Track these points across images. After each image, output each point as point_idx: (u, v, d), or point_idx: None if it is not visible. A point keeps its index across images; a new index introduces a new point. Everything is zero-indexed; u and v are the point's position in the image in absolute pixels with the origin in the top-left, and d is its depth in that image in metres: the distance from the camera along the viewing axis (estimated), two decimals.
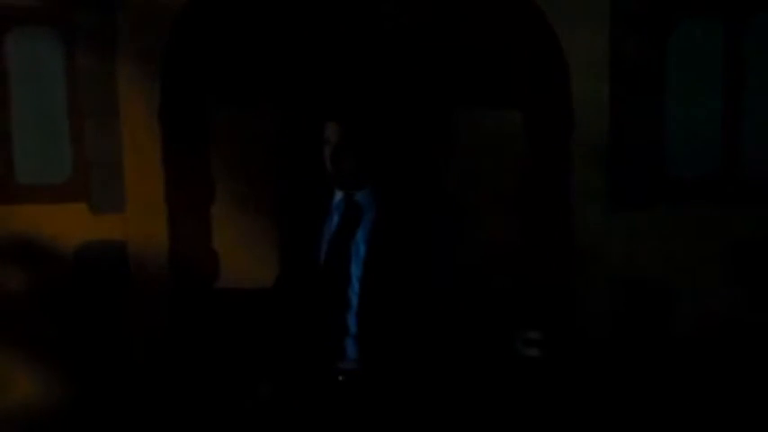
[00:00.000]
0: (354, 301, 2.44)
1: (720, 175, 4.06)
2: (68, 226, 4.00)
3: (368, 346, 2.43)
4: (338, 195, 2.51)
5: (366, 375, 2.43)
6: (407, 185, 2.55)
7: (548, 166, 4.16)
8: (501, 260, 4.17)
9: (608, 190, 4.01)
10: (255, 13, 4.11)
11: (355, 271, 2.44)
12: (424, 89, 4.14)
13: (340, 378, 2.43)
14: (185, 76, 4.08)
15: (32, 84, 3.99)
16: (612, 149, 3.99)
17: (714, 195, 4.04)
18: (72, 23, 3.92)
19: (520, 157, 4.18)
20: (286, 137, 4.13)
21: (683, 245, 3.99)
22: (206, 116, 4.18)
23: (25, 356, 4.04)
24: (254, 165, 4.15)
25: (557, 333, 4.06)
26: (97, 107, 3.95)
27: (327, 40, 4.11)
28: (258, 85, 4.14)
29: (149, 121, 3.98)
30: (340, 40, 4.10)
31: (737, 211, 4.00)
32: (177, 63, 4.04)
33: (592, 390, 4.02)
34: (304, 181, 3.67)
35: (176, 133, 4.07)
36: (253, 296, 3.18)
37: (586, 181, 4.01)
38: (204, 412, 4.10)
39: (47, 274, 4.03)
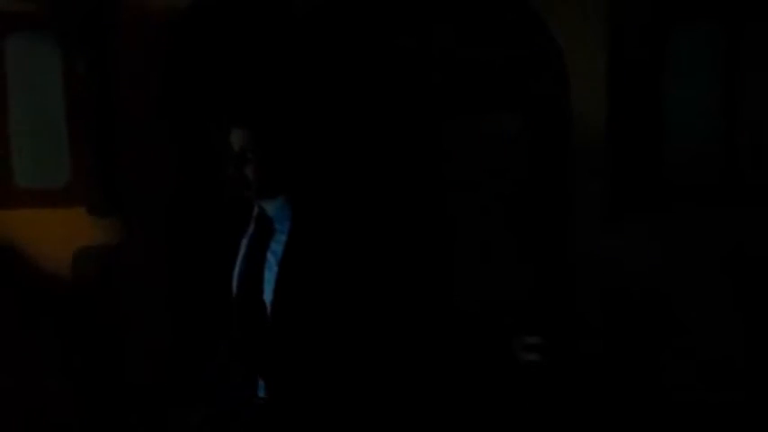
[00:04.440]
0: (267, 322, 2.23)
1: (719, 179, 4.05)
2: (67, 230, 4.02)
3: (279, 372, 2.23)
4: (256, 209, 2.31)
5: (277, 402, 2.24)
6: (324, 196, 2.33)
7: (546, 171, 4.16)
8: (500, 265, 4.18)
9: (607, 194, 4.01)
10: (255, 15, 4.11)
11: (269, 291, 2.23)
12: (418, 96, 4.14)
13: (255, 405, 2.27)
14: (184, 80, 4.08)
15: (31, 88, 4.00)
16: (611, 154, 3.98)
17: (713, 199, 4.03)
18: (71, 29, 3.94)
19: (518, 162, 4.18)
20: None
21: (683, 248, 3.98)
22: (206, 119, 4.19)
23: (23, 360, 4.06)
24: None
25: (556, 338, 4.06)
26: (95, 112, 3.97)
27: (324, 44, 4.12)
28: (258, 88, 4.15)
29: (148, 126, 4.00)
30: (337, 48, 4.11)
31: (736, 215, 3.99)
32: (176, 67, 4.04)
33: (590, 394, 4.02)
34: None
35: (174, 137, 4.08)
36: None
37: (585, 185, 4.01)
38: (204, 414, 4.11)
39: (45, 277, 4.04)
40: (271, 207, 2.28)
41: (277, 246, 2.25)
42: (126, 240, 4.03)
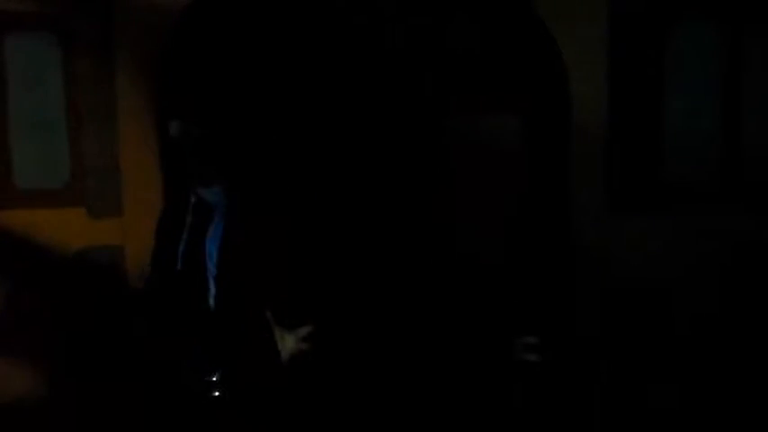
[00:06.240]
0: (212, 303, 2.35)
1: (719, 177, 4.05)
2: (67, 230, 4.00)
3: (223, 350, 2.32)
4: (192, 199, 2.38)
5: (223, 382, 2.33)
6: (258, 183, 2.40)
7: (546, 170, 4.16)
8: (499, 264, 4.17)
9: (607, 193, 4.01)
10: (255, 16, 4.11)
11: (211, 272, 2.35)
12: (416, 94, 4.14)
13: (216, 393, 2.33)
14: (183, 81, 4.08)
15: (30, 89, 3.98)
16: (611, 153, 3.99)
17: (712, 199, 4.04)
18: (70, 29, 3.93)
19: (518, 162, 4.18)
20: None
21: (682, 248, 3.99)
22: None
23: (24, 361, 4.05)
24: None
25: (555, 337, 4.06)
26: (95, 112, 3.96)
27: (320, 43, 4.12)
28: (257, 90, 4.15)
29: (147, 126, 3.99)
30: (333, 44, 4.10)
31: (736, 214, 3.99)
32: (175, 68, 4.03)
33: (590, 394, 4.02)
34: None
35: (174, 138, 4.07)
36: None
37: (585, 185, 4.01)
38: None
39: (45, 278, 4.03)
40: (208, 194, 2.34)
41: (215, 233, 2.32)
42: (126, 240, 4.03)
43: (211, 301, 2.33)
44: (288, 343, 2.33)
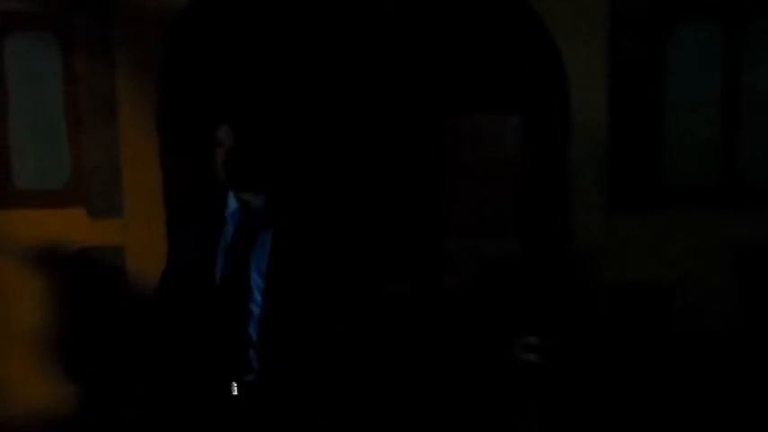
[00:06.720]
0: (256, 312, 2.33)
1: (719, 179, 4.05)
2: (67, 231, 4.00)
3: (269, 356, 2.34)
4: (233, 204, 2.38)
5: (265, 387, 2.34)
6: (305, 192, 2.41)
7: (546, 171, 4.16)
8: (499, 264, 4.18)
9: (607, 194, 4.01)
10: (255, 17, 4.11)
11: (256, 281, 2.36)
12: (416, 94, 4.14)
13: (235, 392, 2.34)
14: (183, 81, 4.08)
15: (31, 89, 3.99)
16: (611, 154, 3.99)
17: (713, 199, 4.04)
18: (70, 29, 3.93)
19: (518, 162, 4.18)
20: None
21: (682, 249, 3.99)
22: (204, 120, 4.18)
23: (25, 361, 4.05)
24: None
25: (555, 338, 4.06)
26: (95, 112, 3.96)
27: (323, 43, 4.12)
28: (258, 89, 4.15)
29: (147, 126, 3.99)
30: (336, 43, 4.10)
31: (736, 215, 3.99)
32: (175, 68, 4.03)
33: (591, 394, 4.02)
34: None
35: (174, 138, 4.07)
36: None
37: (585, 185, 4.01)
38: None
39: (46, 278, 4.03)
40: (254, 201, 2.34)
41: (263, 242, 2.31)
42: (126, 240, 4.03)
43: (254, 309, 2.32)
44: None
